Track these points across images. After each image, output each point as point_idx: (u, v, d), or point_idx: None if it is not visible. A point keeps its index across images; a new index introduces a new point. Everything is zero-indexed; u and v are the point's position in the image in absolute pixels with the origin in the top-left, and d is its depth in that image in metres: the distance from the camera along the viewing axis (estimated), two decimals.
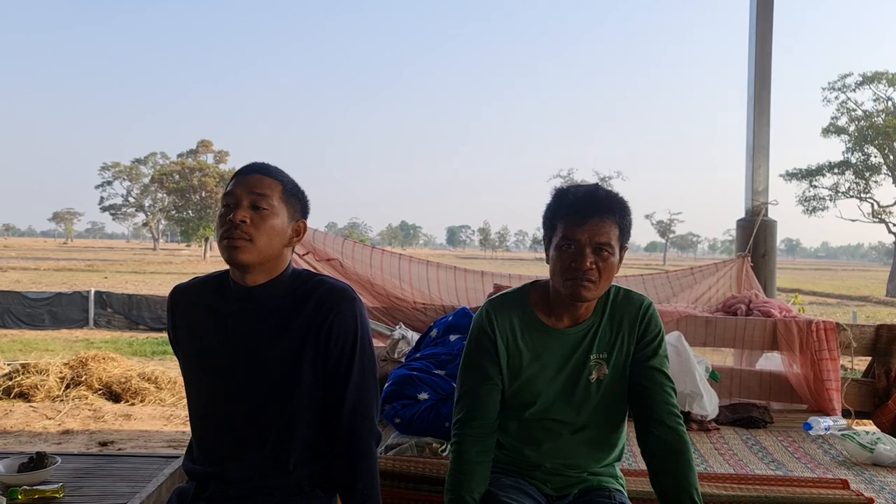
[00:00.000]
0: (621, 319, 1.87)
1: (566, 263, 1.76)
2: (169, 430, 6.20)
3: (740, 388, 3.93)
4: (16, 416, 6.44)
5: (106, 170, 72.42)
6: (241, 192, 1.66)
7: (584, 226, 1.74)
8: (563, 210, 1.79)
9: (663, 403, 1.83)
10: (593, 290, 1.77)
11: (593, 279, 1.75)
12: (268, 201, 1.67)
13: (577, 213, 1.75)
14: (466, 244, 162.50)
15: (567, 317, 1.87)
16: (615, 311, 1.88)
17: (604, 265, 1.75)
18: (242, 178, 1.69)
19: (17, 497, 2.22)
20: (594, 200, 1.76)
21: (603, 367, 1.86)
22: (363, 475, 1.71)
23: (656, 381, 1.84)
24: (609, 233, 1.75)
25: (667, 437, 1.79)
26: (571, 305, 1.83)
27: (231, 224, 1.63)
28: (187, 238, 61.80)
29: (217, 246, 1.68)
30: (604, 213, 1.75)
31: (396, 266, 4.47)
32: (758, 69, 5.07)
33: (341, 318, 1.70)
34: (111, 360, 7.75)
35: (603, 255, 1.75)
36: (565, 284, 1.76)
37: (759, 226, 4.97)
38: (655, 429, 1.81)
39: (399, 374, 2.97)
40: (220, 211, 1.69)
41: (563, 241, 1.77)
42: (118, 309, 15.45)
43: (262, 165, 1.73)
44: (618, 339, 1.87)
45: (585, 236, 1.74)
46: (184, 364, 1.80)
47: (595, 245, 1.74)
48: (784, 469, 2.81)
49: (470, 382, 1.88)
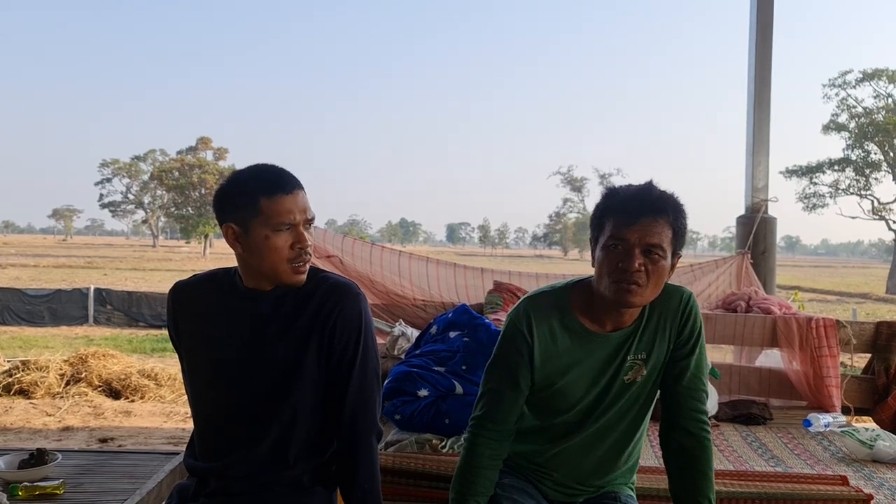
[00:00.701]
0: (661, 315, 1.76)
1: (613, 264, 1.64)
2: (169, 427, 6.21)
3: (740, 385, 3.94)
4: (16, 413, 6.45)
5: (105, 166, 72.40)
6: (299, 216, 1.66)
7: (634, 225, 1.62)
8: (612, 208, 1.68)
9: (688, 409, 1.76)
10: (640, 295, 1.65)
11: (640, 282, 1.63)
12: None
13: (627, 211, 1.65)
14: (466, 241, 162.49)
15: (610, 322, 1.75)
16: (655, 306, 1.76)
17: (653, 268, 1.63)
18: (294, 199, 1.66)
19: (18, 494, 2.22)
20: (646, 199, 1.66)
21: (641, 368, 1.76)
22: (364, 471, 1.72)
23: (687, 385, 1.76)
24: (661, 234, 1.63)
25: (686, 444, 1.75)
26: (616, 311, 1.72)
27: (303, 251, 1.67)
28: (187, 235, 61.77)
29: (240, 260, 1.72)
30: (656, 213, 1.64)
31: (396, 263, 4.48)
32: (758, 65, 5.07)
33: (346, 313, 1.70)
34: (111, 357, 7.76)
35: (653, 258, 1.63)
36: (610, 287, 1.65)
37: (759, 223, 4.97)
38: (676, 434, 1.77)
39: (399, 370, 2.98)
40: (282, 232, 1.65)
41: (610, 241, 1.65)
42: (118, 306, 15.46)
43: (293, 177, 1.70)
44: (657, 337, 1.76)
45: (635, 236, 1.62)
46: (186, 361, 1.80)
47: (645, 246, 1.62)
48: (783, 466, 2.81)
49: (495, 383, 1.79)
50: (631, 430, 1.82)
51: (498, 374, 1.79)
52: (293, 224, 1.65)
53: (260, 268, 1.68)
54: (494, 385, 1.79)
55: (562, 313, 1.77)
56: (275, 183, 1.66)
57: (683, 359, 1.77)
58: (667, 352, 1.77)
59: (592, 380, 1.76)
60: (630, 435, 1.82)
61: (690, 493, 1.73)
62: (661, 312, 1.76)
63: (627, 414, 1.79)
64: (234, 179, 1.71)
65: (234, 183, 1.70)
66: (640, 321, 1.75)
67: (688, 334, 1.76)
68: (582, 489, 1.86)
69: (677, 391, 1.77)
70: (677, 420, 1.77)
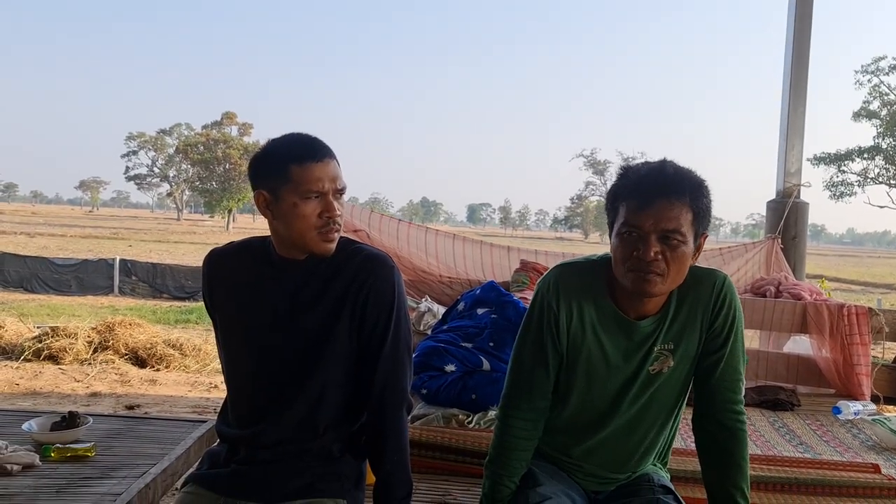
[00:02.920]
0: (692, 303, 1.64)
1: (628, 252, 1.53)
2: (193, 396, 6.29)
3: (766, 371, 3.91)
4: (45, 378, 6.58)
5: (132, 139, 73.07)
6: (329, 185, 1.63)
7: (648, 209, 1.50)
8: (625, 191, 1.56)
9: (722, 401, 1.66)
10: (660, 285, 1.53)
11: (659, 271, 1.52)
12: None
13: (640, 194, 1.52)
14: (486, 222, 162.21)
15: (633, 310, 1.64)
16: (684, 293, 1.63)
17: (672, 255, 1.51)
18: (323, 167, 1.63)
19: (51, 455, 2.26)
20: (660, 179, 1.52)
21: (668, 359, 1.65)
22: (393, 442, 1.71)
23: (721, 375, 1.66)
24: (679, 217, 1.50)
25: (719, 435, 1.67)
26: (638, 299, 1.61)
27: (331, 220, 1.64)
28: (211, 209, 62.26)
29: (264, 225, 1.68)
30: (672, 195, 1.51)
31: (423, 239, 4.47)
32: (796, 46, 4.98)
33: (379, 284, 1.69)
34: (137, 326, 7.88)
35: (672, 244, 1.51)
36: (627, 276, 1.55)
37: (791, 208, 4.91)
38: (709, 424, 1.69)
39: (426, 345, 2.98)
40: (311, 201, 1.62)
41: (624, 228, 1.54)
42: (142, 277, 15.67)
43: (325, 146, 1.67)
44: (687, 327, 1.64)
45: (650, 222, 1.50)
46: (219, 328, 1.80)
47: (661, 232, 1.50)
48: (812, 452, 2.78)
49: (524, 357, 1.72)
50: (661, 422, 1.74)
51: (527, 347, 1.72)
52: (322, 192, 1.63)
53: (289, 236, 1.67)
54: (523, 360, 1.73)
55: (593, 289, 1.67)
56: (306, 150, 1.64)
57: (718, 350, 1.65)
58: (699, 342, 1.65)
59: (617, 366, 1.67)
60: (661, 427, 1.74)
61: (723, 485, 1.65)
62: (691, 300, 1.64)
63: (655, 405, 1.70)
64: (267, 147, 1.70)
65: (266, 150, 1.69)
66: (668, 309, 1.64)
67: (721, 323, 1.64)
68: (614, 477, 1.80)
69: (711, 383, 1.66)
70: (711, 412, 1.68)
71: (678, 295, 1.64)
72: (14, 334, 7.90)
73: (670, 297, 1.65)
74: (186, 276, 15.59)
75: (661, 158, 1.59)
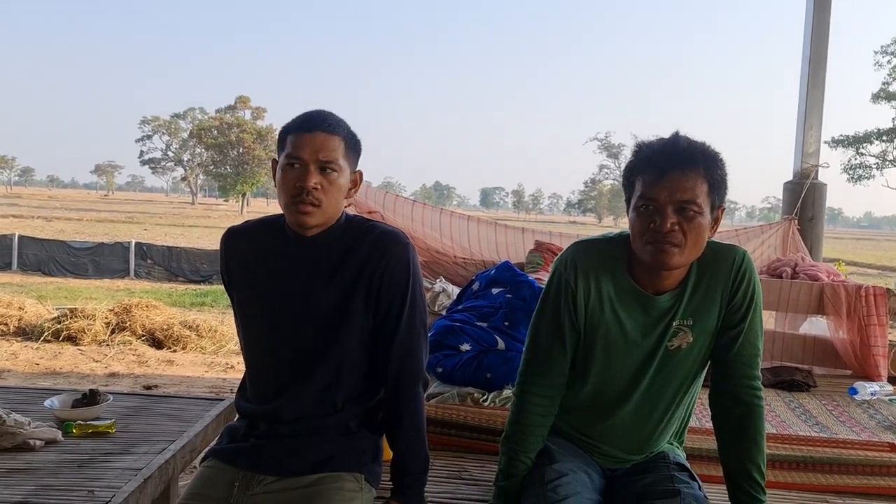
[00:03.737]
0: (711, 278, 1.64)
1: (645, 225, 1.55)
2: (210, 377, 6.36)
3: (782, 352, 3.89)
4: (65, 358, 6.68)
5: (146, 123, 73.38)
6: (308, 155, 1.62)
7: (662, 181, 1.52)
8: (640, 165, 1.58)
9: (740, 377, 1.66)
10: (678, 256, 1.54)
11: (676, 242, 1.53)
12: (335, 163, 1.64)
13: (654, 167, 1.54)
14: (500, 206, 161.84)
15: (651, 285, 1.65)
16: (704, 268, 1.64)
17: (689, 226, 1.53)
18: (307, 138, 1.63)
19: (72, 431, 2.30)
20: (673, 152, 1.54)
21: (686, 335, 1.65)
22: (409, 418, 1.73)
23: (739, 350, 1.66)
24: (693, 188, 1.52)
25: (736, 411, 1.67)
26: (656, 273, 1.63)
27: (301, 189, 1.61)
28: (225, 193, 62.44)
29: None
30: (686, 166, 1.52)
31: (437, 220, 4.47)
32: (815, 26, 4.91)
33: (394, 261, 1.70)
34: (154, 307, 7.96)
35: (688, 215, 1.52)
36: (645, 249, 1.56)
37: (808, 189, 4.87)
38: (726, 401, 1.68)
39: (442, 324, 2.99)
40: (284, 169, 1.64)
41: (640, 201, 1.56)
42: (158, 260, 15.80)
43: (324, 119, 1.67)
44: (707, 301, 1.64)
45: (664, 194, 1.52)
46: (238, 305, 1.82)
47: (677, 203, 1.52)
48: (828, 431, 2.77)
49: (541, 334, 1.73)
50: (679, 399, 1.74)
51: (544, 323, 1.73)
52: (301, 161, 1.62)
53: (280, 207, 1.69)
54: (540, 336, 1.73)
55: (612, 265, 1.68)
56: (302, 122, 1.67)
57: (737, 325, 1.65)
58: (718, 318, 1.66)
59: (635, 342, 1.68)
60: (678, 403, 1.74)
61: (739, 460, 1.66)
62: (710, 275, 1.64)
63: (673, 382, 1.70)
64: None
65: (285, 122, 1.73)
66: (687, 284, 1.65)
67: (741, 297, 1.64)
68: (631, 457, 1.81)
69: (728, 358, 1.67)
70: (728, 387, 1.68)
71: (697, 270, 1.65)
72: (34, 316, 8.01)
73: (689, 272, 1.65)
74: (201, 260, 15.71)
75: (675, 132, 1.60)
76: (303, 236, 1.72)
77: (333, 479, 1.67)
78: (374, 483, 1.76)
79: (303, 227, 1.67)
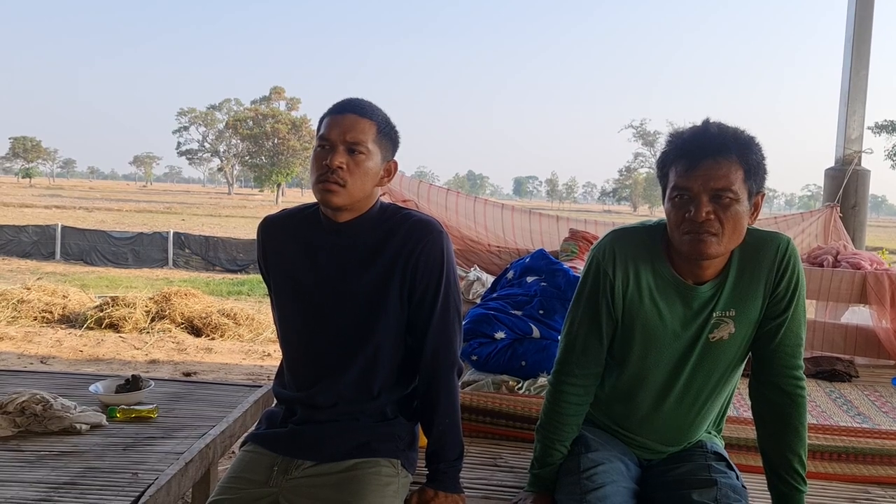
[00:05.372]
0: (754, 267, 1.61)
1: (680, 216, 1.53)
2: (247, 364, 6.46)
3: (823, 342, 3.81)
4: (107, 346, 6.83)
5: (183, 115, 74.37)
6: (336, 136, 1.64)
7: (695, 170, 1.50)
8: (672, 155, 1.56)
9: (782, 367, 1.63)
10: (716, 245, 1.52)
11: (714, 231, 1.50)
12: (363, 145, 1.65)
13: (686, 156, 1.52)
14: (533, 195, 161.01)
15: (691, 275, 1.63)
16: (746, 257, 1.61)
17: (726, 214, 1.50)
18: (338, 119, 1.66)
19: (116, 415, 2.35)
20: (705, 139, 1.51)
21: (728, 325, 1.63)
22: (444, 406, 1.74)
23: (782, 340, 1.62)
24: (728, 175, 1.49)
25: (777, 401, 1.63)
26: (696, 263, 1.60)
27: (327, 168, 1.63)
28: (260, 184, 63.14)
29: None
30: (718, 153, 1.50)
31: (472, 209, 4.47)
32: (859, 7, 4.77)
33: (428, 249, 1.71)
34: (192, 296, 8.10)
35: (723, 203, 1.50)
36: (682, 240, 1.54)
37: (851, 175, 4.75)
38: (767, 391, 1.65)
39: (476, 312, 2.99)
40: (316, 151, 1.68)
41: (675, 192, 1.53)
42: (195, 250, 16.07)
43: (357, 103, 1.70)
44: (750, 291, 1.61)
45: (698, 183, 1.50)
46: (274, 293, 1.84)
47: (712, 192, 1.49)
48: (871, 422, 2.72)
49: (577, 323, 1.72)
50: (719, 390, 1.72)
51: (580, 313, 1.71)
52: (330, 142, 1.65)
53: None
54: (577, 325, 1.72)
55: (650, 254, 1.65)
56: (336, 106, 1.71)
57: (780, 314, 1.61)
58: (761, 308, 1.62)
59: (675, 333, 1.65)
60: (718, 394, 1.72)
61: (780, 451, 1.63)
62: (753, 264, 1.61)
63: (714, 374, 1.68)
64: None
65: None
66: (728, 273, 1.61)
67: (785, 287, 1.60)
68: (668, 449, 1.79)
69: (771, 348, 1.63)
70: (770, 378, 1.64)
71: (739, 258, 1.62)
72: (77, 304, 8.21)
73: (730, 261, 1.62)
74: (238, 249, 15.93)
75: (705, 119, 1.57)
76: (337, 224, 1.73)
77: (370, 464, 1.69)
78: (410, 469, 1.77)
79: (328, 205, 1.68)
